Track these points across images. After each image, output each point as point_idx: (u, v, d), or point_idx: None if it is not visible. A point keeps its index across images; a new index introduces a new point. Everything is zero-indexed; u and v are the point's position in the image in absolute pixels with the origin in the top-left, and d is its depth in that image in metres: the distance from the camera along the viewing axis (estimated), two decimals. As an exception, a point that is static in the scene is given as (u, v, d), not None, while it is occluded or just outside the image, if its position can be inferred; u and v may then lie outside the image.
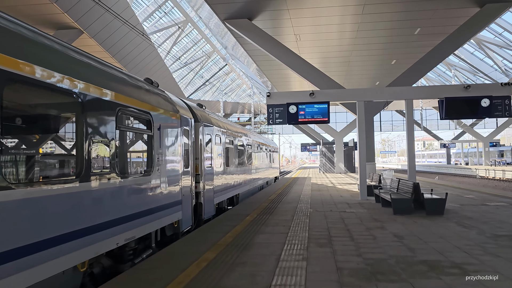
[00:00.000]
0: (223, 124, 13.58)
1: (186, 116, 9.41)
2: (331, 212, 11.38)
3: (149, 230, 6.98)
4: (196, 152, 10.36)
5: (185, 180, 9.10)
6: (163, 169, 7.66)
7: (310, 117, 15.10)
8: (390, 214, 10.77)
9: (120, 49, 26.90)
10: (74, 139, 5.05)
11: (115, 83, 6.09)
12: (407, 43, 25.20)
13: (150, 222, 6.98)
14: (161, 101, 7.94)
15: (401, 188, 12.15)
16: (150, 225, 6.98)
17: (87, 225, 5.08)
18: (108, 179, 5.61)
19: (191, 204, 9.56)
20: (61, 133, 5.06)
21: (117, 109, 5.95)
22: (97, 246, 5.29)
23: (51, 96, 4.68)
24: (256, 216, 10.78)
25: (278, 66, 30.54)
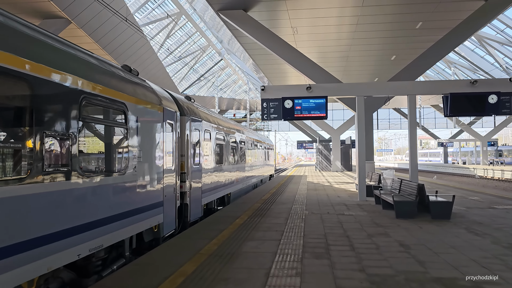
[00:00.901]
0: (214, 119, 12.70)
1: (171, 108, 8.52)
2: (328, 215, 10.54)
3: (122, 237, 6.11)
4: (182, 149, 9.48)
5: (168, 180, 8.23)
6: (140, 168, 6.78)
7: (306, 112, 14.24)
8: (392, 218, 9.95)
9: (110, 40, 25.91)
10: (22, 131, 4.17)
11: (79, 66, 5.20)
12: (408, 38, 24.36)
13: (122, 228, 6.10)
14: (140, 90, 7.05)
15: (403, 189, 11.32)
16: (122, 231, 6.11)
17: (36, 235, 4.19)
18: (67, 179, 4.73)
19: (175, 205, 8.69)
20: (6, 124, 4.18)
21: (81, 97, 5.06)
22: (50, 260, 4.41)
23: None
24: (246, 218, 9.93)
25: (274, 61, 29.67)
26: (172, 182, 8.53)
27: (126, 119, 6.34)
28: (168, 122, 8.33)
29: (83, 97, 5.12)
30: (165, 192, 8.02)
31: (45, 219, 4.36)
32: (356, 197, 15.11)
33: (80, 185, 5.00)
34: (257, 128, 61.54)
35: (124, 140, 6.31)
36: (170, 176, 8.35)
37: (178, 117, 9.06)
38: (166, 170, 8.08)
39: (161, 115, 7.87)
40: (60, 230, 4.59)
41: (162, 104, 7.97)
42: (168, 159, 8.32)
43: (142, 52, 30.00)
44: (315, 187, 20.10)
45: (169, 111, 8.37)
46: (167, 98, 8.61)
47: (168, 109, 8.34)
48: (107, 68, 6.14)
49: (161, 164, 7.81)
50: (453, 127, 57.19)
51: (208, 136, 11.70)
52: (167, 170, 8.19)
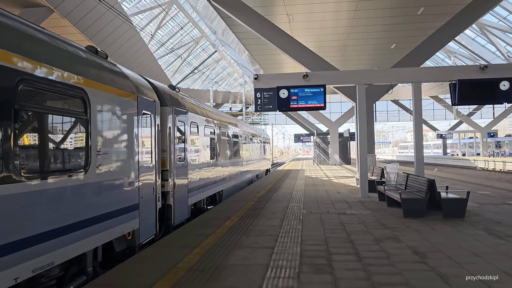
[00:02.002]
0: (203, 111, 11.64)
1: (148, 97, 7.46)
2: (329, 215, 9.53)
3: (81, 250, 5.07)
4: (164, 144, 8.42)
5: (146, 179, 7.19)
6: (107, 166, 5.73)
7: (303, 102, 13.20)
8: (400, 217, 8.94)
9: (97, 31, 24.72)
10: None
11: (14, 39, 4.13)
12: (408, 25, 23.29)
13: (82, 239, 5.06)
14: (106, 75, 5.99)
15: (410, 185, 10.31)
16: (82, 243, 5.07)
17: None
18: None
19: (154, 207, 7.66)
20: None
21: (16, 80, 4.00)
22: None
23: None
24: (237, 220, 8.90)
25: (270, 51, 28.58)
26: (151, 181, 7.49)
27: (87, 109, 5.28)
28: (145, 113, 7.27)
29: (21, 79, 4.06)
30: (142, 193, 6.99)
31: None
32: (357, 193, 14.12)
33: (16, 190, 3.95)
34: (254, 122, 60.51)
35: (83, 133, 5.26)
36: (148, 175, 7.31)
37: (158, 108, 8.00)
38: (142, 168, 7.04)
39: (135, 105, 6.81)
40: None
41: (136, 92, 6.90)
42: (145, 155, 7.28)
43: (132, 43, 28.80)
44: (313, 182, 19.10)
45: (146, 101, 7.31)
46: (143, 85, 7.54)
47: (145, 98, 7.28)
48: (61, 46, 5.08)
49: (136, 161, 6.77)
50: (453, 119, 56.08)
51: (196, 129, 10.64)
52: (144, 167, 7.15)
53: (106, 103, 5.80)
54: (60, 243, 4.59)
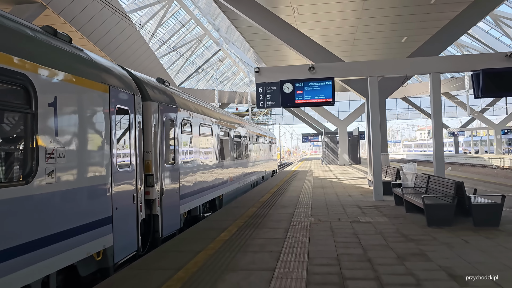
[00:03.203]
0: (198, 108, 10.49)
1: (125, 90, 6.33)
2: (340, 223, 8.33)
3: (23, 281, 3.94)
4: (147, 144, 7.29)
5: (122, 186, 6.05)
6: (63, 172, 4.60)
7: (310, 97, 12.01)
8: (423, 226, 7.72)
9: (94, 29, 23.71)
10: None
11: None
12: (421, 16, 21.96)
13: (23, 269, 3.93)
14: (63, 60, 4.86)
15: (432, 187, 9.07)
16: (23, 272, 3.93)
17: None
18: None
19: (135, 219, 6.52)
20: None
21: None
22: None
23: None
24: (235, 231, 7.74)
25: (274, 47, 27.47)
26: (130, 189, 6.35)
27: (31, 100, 4.15)
28: (120, 108, 6.14)
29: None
30: (117, 203, 5.85)
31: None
32: (370, 196, 12.90)
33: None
34: (261, 122, 59.32)
35: (27, 132, 4.13)
36: (125, 181, 6.17)
37: (139, 103, 6.87)
38: (117, 173, 5.90)
39: (106, 98, 5.67)
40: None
41: (107, 83, 5.77)
42: (121, 158, 6.14)
43: (131, 42, 27.77)
44: (321, 183, 17.88)
45: (121, 93, 6.18)
46: (118, 75, 6.39)
47: (120, 91, 6.15)
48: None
49: (108, 166, 5.63)
50: (467, 115, 54.35)
51: (189, 128, 9.50)
52: (120, 173, 6.01)
53: (62, 94, 4.67)
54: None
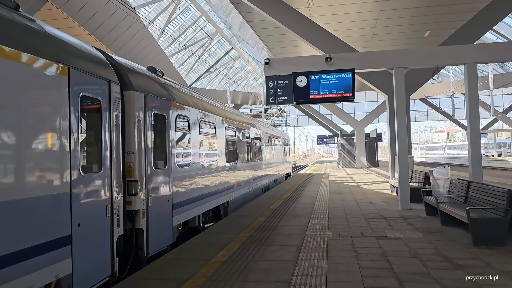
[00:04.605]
0: (198, 102, 9.17)
1: (94, 74, 5.04)
2: (364, 239, 6.91)
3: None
4: (129, 143, 6.00)
5: (88, 195, 4.76)
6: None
7: (326, 92, 10.63)
8: (467, 245, 6.25)
9: (99, 24, 22.67)
10: None
11: None
12: (446, 7, 20.32)
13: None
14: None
15: (474, 196, 7.57)
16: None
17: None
18: None
19: (109, 236, 5.22)
20: None
21: None
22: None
23: None
24: (237, 248, 6.39)
25: (289, 43, 26.16)
26: (101, 198, 5.06)
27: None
28: (87, 96, 4.85)
29: None
30: (79, 218, 4.56)
31: None
32: (394, 203, 11.44)
33: None
34: (275, 124, 57.94)
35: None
36: (94, 189, 4.88)
37: (116, 92, 5.57)
38: (81, 179, 4.61)
39: (63, 82, 4.38)
40: None
41: (66, 63, 4.48)
42: (88, 161, 4.86)
43: (139, 39, 26.70)
44: (339, 188, 16.42)
45: (88, 78, 4.89)
46: (85, 55, 5.08)
47: (87, 75, 4.86)
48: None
49: (66, 170, 4.34)
50: (490, 117, 52.04)
51: (186, 125, 8.19)
52: (86, 179, 4.72)
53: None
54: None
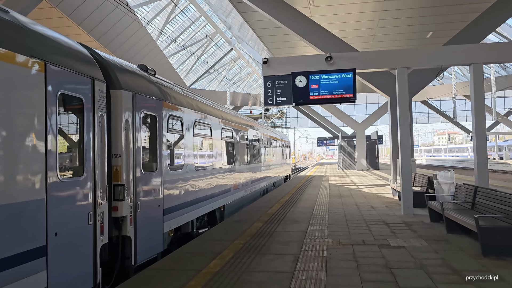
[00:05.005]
0: (192, 102, 8.79)
1: (75, 71, 4.67)
2: (365, 248, 6.53)
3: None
4: (116, 145, 5.63)
5: (67, 201, 4.39)
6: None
7: (326, 93, 10.26)
8: (476, 255, 5.86)
9: (96, 24, 22.34)
10: None
11: None
12: (449, 8, 19.97)
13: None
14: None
15: (481, 202, 7.20)
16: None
17: None
18: None
19: (91, 245, 4.85)
20: None
21: None
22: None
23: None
24: (230, 257, 6.01)
25: (289, 43, 25.85)
26: (83, 205, 4.69)
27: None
28: (67, 94, 4.48)
29: None
30: (57, 227, 4.18)
31: None
32: (396, 207, 11.07)
33: None
34: (275, 125, 57.60)
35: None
36: (74, 195, 4.51)
37: (101, 90, 5.20)
38: (59, 184, 4.24)
39: (38, 79, 4.02)
40: None
41: (42, 58, 4.11)
42: (67, 164, 4.49)
43: (137, 39, 26.38)
44: (339, 191, 16.04)
45: (68, 75, 4.52)
46: (65, 50, 4.71)
47: (67, 71, 4.49)
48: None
49: (41, 174, 3.97)
50: (492, 119, 51.67)
51: (179, 126, 7.82)
52: (64, 184, 4.35)
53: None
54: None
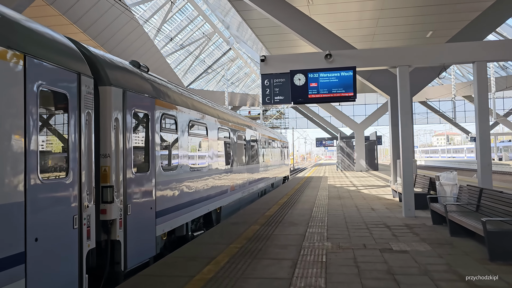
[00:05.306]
0: (186, 101, 8.50)
1: (58, 64, 4.38)
2: (366, 252, 6.25)
3: None
4: (105, 144, 5.35)
5: (48, 205, 4.10)
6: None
7: (326, 91, 9.99)
8: (483, 260, 5.59)
9: (92, 22, 22.05)
10: None
11: None
12: (449, 7, 19.72)
13: None
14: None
15: (486, 204, 6.93)
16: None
17: None
18: None
19: (77, 251, 4.56)
20: None
21: None
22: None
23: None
24: (226, 262, 5.73)
25: (288, 43, 25.57)
26: (68, 208, 4.40)
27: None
28: (48, 89, 4.20)
29: None
30: (37, 232, 3.89)
31: None
32: (397, 209, 10.80)
33: None
34: (274, 126, 57.36)
35: None
36: (57, 198, 4.23)
37: (89, 86, 4.92)
38: (39, 187, 3.95)
39: (16, 72, 3.73)
40: None
41: (21, 49, 3.82)
42: (49, 164, 4.21)
43: (134, 38, 26.11)
44: (338, 193, 15.76)
45: (51, 69, 4.24)
46: (47, 42, 4.43)
47: (49, 64, 4.20)
48: None
49: (19, 176, 3.69)
50: (491, 120, 51.45)
51: (174, 124, 7.54)
52: (46, 186, 4.06)
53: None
54: None
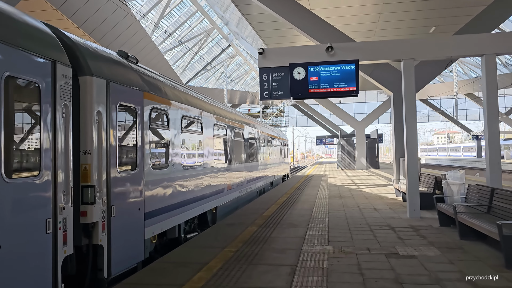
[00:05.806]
0: (179, 95, 8.02)
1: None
2: (371, 257, 5.79)
3: None
4: (85, 140, 4.88)
5: (15, 208, 3.64)
6: None
7: (327, 86, 9.51)
8: (499, 267, 5.13)
9: (87, 17, 21.52)
10: None
11: None
12: (453, 1, 19.22)
13: None
14: None
15: (499, 206, 6.46)
16: None
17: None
18: None
19: (50, 258, 4.09)
20: None
21: None
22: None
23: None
24: (219, 268, 5.27)
25: (288, 38, 25.11)
26: (39, 210, 3.93)
27: None
28: (15, 77, 3.73)
29: None
30: (0, 238, 3.43)
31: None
32: (401, 210, 10.33)
33: None
34: (274, 124, 56.87)
35: None
36: (25, 199, 3.76)
37: (65, 76, 4.45)
38: (1, 186, 3.49)
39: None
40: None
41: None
42: (14, 162, 3.75)
43: (131, 33, 25.57)
44: (339, 192, 15.30)
45: (18, 55, 3.76)
46: (16, 25, 3.93)
47: (15, 49, 3.73)
48: None
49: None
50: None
51: (165, 120, 7.07)
52: (11, 186, 3.59)
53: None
54: None
